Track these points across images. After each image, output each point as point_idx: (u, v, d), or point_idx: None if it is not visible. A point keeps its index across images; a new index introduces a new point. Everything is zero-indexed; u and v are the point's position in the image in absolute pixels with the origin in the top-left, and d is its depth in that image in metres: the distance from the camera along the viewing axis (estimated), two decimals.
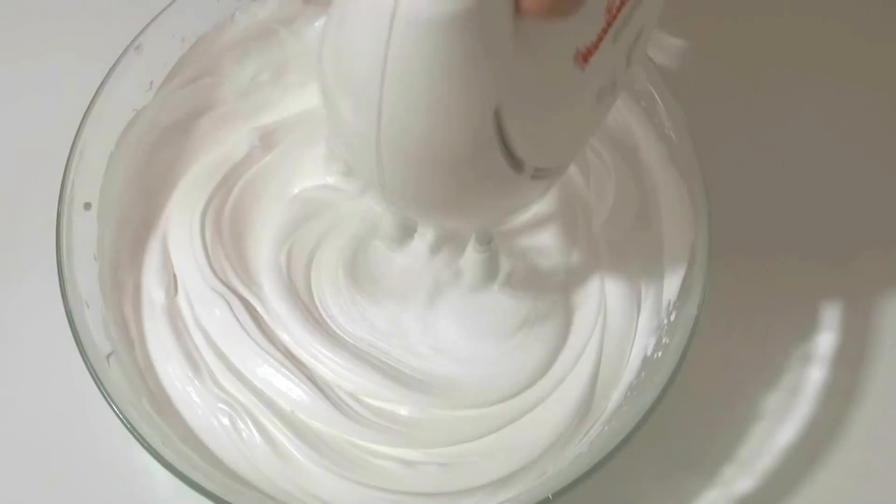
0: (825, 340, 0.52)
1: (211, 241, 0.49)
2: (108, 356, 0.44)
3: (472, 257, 0.47)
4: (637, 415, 0.41)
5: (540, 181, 0.35)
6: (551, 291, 0.50)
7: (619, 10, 0.32)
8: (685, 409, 0.48)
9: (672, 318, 0.46)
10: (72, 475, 0.49)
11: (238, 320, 0.47)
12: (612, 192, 0.51)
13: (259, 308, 0.48)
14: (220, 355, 0.47)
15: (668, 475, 0.49)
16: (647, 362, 0.47)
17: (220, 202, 0.50)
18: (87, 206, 0.46)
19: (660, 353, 0.46)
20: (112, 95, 0.47)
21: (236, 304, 0.48)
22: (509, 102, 0.30)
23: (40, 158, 0.51)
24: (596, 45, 0.32)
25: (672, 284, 0.48)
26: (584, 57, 0.32)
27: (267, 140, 0.52)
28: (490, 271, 0.48)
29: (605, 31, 0.32)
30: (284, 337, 0.48)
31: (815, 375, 0.51)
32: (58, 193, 0.45)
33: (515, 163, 0.32)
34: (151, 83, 0.49)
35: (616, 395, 0.47)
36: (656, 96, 0.49)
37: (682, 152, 0.48)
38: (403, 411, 0.46)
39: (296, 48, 0.52)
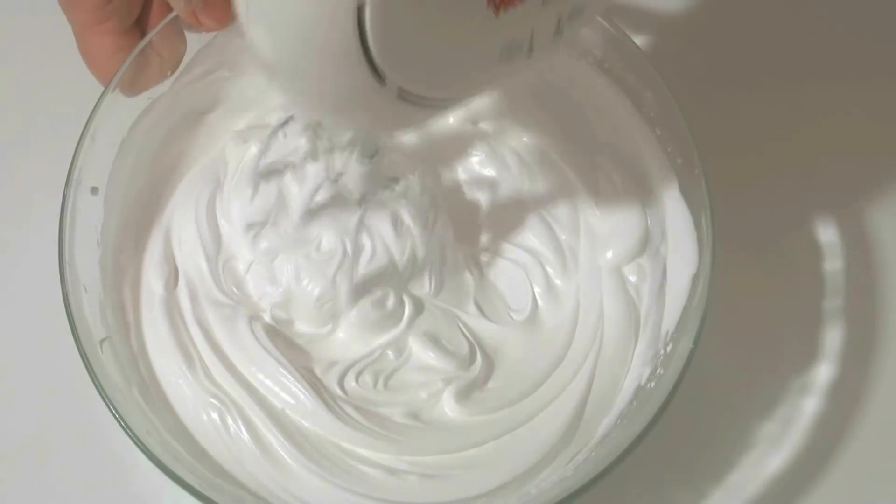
0: (823, 373, 0.52)
1: (213, 236, 0.49)
2: (101, 341, 0.44)
3: (352, 168, 0.46)
4: (624, 443, 0.41)
5: (407, 105, 0.33)
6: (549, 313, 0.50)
7: None
8: (678, 434, 0.48)
9: (668, 349, 0.46)
10: (58, 458, 0.49)
11: (238, 317, 0.47)
12: (619, 217, 0.51)
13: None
14: (217, 350, 0.47)
15: (657, 499, 0.49)
16: (639, 391, 0.46)
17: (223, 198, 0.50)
18: (95, 190, 0.47)
19: (653, 384, 0.45)
20: None
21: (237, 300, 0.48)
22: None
23: (52, 140, 0.51)
24: None
25: (671, 315, 0.47)
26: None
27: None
28: (370, 186, 0.46)
29: None
30: (285, 335, 0.48)
31: (810, 407, 0.51)
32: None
33: (376, 73, 0.31)
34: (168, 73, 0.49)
35: (607, 422, 0.46)
36: (671, 126, 0.49)
37: (693, 184, 0.48)
38: (389, 413, 0.46)
39: None
